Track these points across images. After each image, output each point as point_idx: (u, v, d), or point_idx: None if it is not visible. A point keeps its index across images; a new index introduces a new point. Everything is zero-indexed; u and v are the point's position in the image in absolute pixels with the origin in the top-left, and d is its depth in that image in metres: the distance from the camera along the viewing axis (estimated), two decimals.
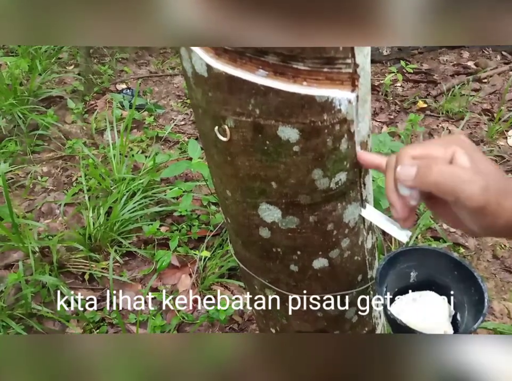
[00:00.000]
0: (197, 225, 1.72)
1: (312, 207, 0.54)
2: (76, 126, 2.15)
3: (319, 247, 0.59)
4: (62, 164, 1.96)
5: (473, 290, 0.54)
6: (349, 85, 0.46)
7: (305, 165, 0.49)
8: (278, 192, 0.53)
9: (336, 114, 0.46)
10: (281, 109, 0.45)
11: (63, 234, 1.58)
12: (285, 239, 0.58)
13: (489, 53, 2.91)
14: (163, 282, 1.59)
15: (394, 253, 0.60)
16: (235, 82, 0.43)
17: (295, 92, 0.43)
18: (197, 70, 0.45)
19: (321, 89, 0.44)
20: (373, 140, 1.49)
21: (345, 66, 0.44)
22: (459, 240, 1.56)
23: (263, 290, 0.70)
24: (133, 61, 2.88)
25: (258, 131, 0.47)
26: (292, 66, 0.42)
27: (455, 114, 2.27)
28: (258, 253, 0.63)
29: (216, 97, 0.46)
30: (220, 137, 0.49)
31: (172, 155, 2.01)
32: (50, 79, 2.38)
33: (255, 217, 0.57)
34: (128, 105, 2.25)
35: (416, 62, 2.88)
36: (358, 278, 0.66)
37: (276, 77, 0.43)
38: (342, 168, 0.51)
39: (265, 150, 0.49)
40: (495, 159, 1.95)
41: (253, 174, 0.52)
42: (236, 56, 0.42)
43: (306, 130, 0.46)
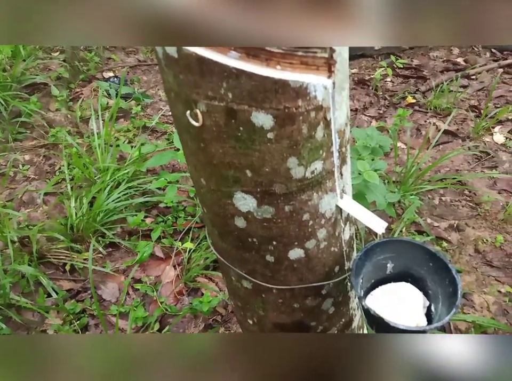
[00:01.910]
0: (183, 217, 1.71)
1: (287, 196, 0.53)
2: (60, 114, 2.11)
3: (295, 237, 0.58)
4: (44, 152, 1.92)
5: (447, 281, 0.54)
6: (325, 71, 0.45)
7: (279, 153, 0.48)
8: (252, 181, 0.52)
9: (311, 101, 0.45)
10: (254, 94, 0.43)
11: (44, 224, 1.55)
12: (260, 229, 0.57)
13: (478, 50, 2.92)
14: (147, 273, 1.58)
15: (371, 245, 0.60)
16: (206, 64, 0.42)
17: (269, 76, 0.42)
18: (167, 51, 0.44)
19: (295, 73, 0.43)
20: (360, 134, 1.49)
21: (320, 51, 0.43)
22: (442, 234, 1.57)
23: (240, 281, 0.69)
24: (121, 49, 2.83)
25: (231, 116, 0.46)
26: (265, 49, 0.41)
27: (442, 110, 2.28)
28: (234, 243, 0.62)
29: (187, 80, 0.44)
30: (192, 122, 0.47)
31: (159, 145, 1.98)
32: (35, 65, 2.33)
33: (230, 206, 0.56)
34: (115, 94, 2.22)
35: (406, 57, 2.87)
36: (335, 269, 0.65)
37: (249, 60, 0.42)
38: (317, 157, 0.50)
39: (239, 136, 0.47)
40: (481, 155, 1.96)
41: (227, 161, 0.50)
42: None
43: (280, 116, 0.45)
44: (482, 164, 1.93)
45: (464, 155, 1.97)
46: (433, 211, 1.70)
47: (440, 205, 1.73)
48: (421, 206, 1.67)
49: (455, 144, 2.07)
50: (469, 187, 1.77)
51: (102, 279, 1.51)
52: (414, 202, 1.57)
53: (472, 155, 1.98)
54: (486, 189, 1.77)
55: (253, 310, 0.74)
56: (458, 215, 1.67)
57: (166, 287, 1.51)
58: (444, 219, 1.66)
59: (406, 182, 1.67)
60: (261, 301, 0.70)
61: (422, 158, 1.77)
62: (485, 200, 1.69)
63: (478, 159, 1.96)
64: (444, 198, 1.76)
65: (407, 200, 1.61)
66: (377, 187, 1.32)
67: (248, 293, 0.70)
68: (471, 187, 1.77)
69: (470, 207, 1.71)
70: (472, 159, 1.96)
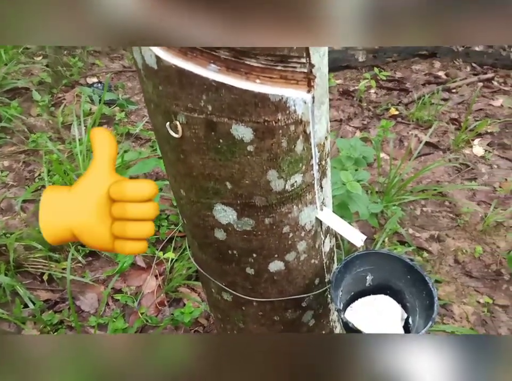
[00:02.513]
0: (166, 226, 1.69)
1: (267, 209, 0.53)
2: (41, 120, 2.08)
3: (275, 250, 0.57)
4: (24, 158, 1.88)
5: (424, 293, 0.54)
6: (305, 85, 0.45)
7: (259, 166, 0.48)
8: (232, 193, 0.51)
9: (291, 115, 0.45)
10: (234, 107, 0.43)
11: (22, 232, 1.51)
12: (240, 242, 0.57)
13: (459, 64, 3.00)
14: (127, 283, 1.55)
15: (350, 257, 0.60)
16: (186, 77, 0.42)
17: (248, 89, 0.42)
18: (147, 61, 0.43)
19: (275, 87, 0.43)
20: (344, 145, 1.50)
21: (300, 66, 0.43)
22: (423, 245, 1.59)
23: (220, 293, 0.68)
24: (106, 54, 2.80)
25: (211, 129, 0.45)
26: (244, 63, 0.41)
27: (424, 122, 2.32)
28: (214, 255, 0.61)
29: (167, 91, 0.44)
30: (172, 133, 0.47)
31: (143, 153, 1.96)
32: (17, 69, 2.29)
33: (210, 218, 0.55)
34: (98, 100, 2.19)
35: (390, 70, 2.93)
36: (315, 281, 0.65)
37: (228, 73, 0.42)
38: (297, 170, 0.50)
39: (219, 148, 0.47)
40: (461, 167, 2.00)
41: (207, 173, 0.50)
42: (186, 49, 0.41)
43: (260, 129, 0.45)
44: (462, 175, 1.97)
45: (444, 166, 2.01)
46: (415, 222, 1.72)
47: (421, 215, 1.76)
48: (403, 217, 1.69)
49: (436, 155, 2.10)
50: (449, 198, 1.81)
51: (81, 289, 1.47)
52: (396, 212, 1.59)
53: (453, 167, 2.02)
54: (465, 200, 1.80)
55: (233, 322, 0.73)
56: (439, 225, 1.70)
57: (147, 297, 1.48)
58: (425, 229, 1.68)
59: (388, 192, 1.69)
60: (241, 314, 0.69)
61: (404, 169, 1.80)
62: (464, 211, 1.73)
63: (458, 170, 2.00)
64: (425, 209, 1.79)
65: (390, 210, 1.63)
66: (360, 197, 1.33)
67: (228, 305, 0.70)
68: (451, 198, 1.81)
69: (450, 218, 1.74)
70: (452, 171, 2.00)
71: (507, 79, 2.75)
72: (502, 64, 2.87)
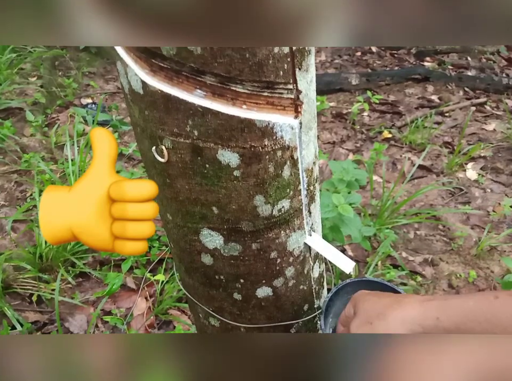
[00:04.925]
0: (157, 247, 1.67)
1: (254, 234, 0.52)
2: (34, 139, 2.07)
3: (262, 275, 0.56)
4: (16, 178, 1.87)
5: None
6: (292, 111, 0.45)
7: (246, 191, 0.48)
8: (219, 218, 0.51)
9: (277, 140, 0.45)
10: (220, 132, 0.43)
11: (11, 252, 1.49)
12: (227, 267, 0.56)
13: (452, 88, 3.05)
14: (117, 305, 1.52)
15: (342, 285, 0.59)
16: (172, 102, 0.42)
17: (235, 115, 0.42)
18: (133, 86, 0.43)
19: (261, 113, 0.43)
20: (337, 167, 1.51)
21: (286, 92, 0.43)
22: (416, 268, 1.58)
23: (207, 319, 0.67)
24: (101, 75, 2.83)
25: (197, 154, 0.45)
26: (230, 88, 0.41)
27: (417, 145, 2.34)
28: (201, 280, 0.60)
29: (153, 116, 0.44)
30: (158, 158, 0.47)
31: (135, 173, 1.96)
32: (11, 89, 2.30)
33: (197, 243, 0.55)
34: (92, 120, 2.20)
35: (383, 93, 2.98)
36: (304, 307, 0.64)
37: (214, 98, 0.42)
38: (285, 196, 0.50)
39: (205, 173, 0.47)
40: (454, 190, 2.01)
41: (193, 198, 0.49)
42: (172, 74, 0.41)
43: (246, 155, 0.45)
44: (456, 199, 1.97)
45: (438, 189, 2.02)
46: (408, 245, 1.71)
47: (415, 239, 1.75)
48: (396, 240, 1.68)
49: (430, 179, 2.11)
50: (442, 222, 1.80)
51: (70, 310, 1.44)
52: (389, 236, 1.58)
53: (446, 190, 2.02)
54: (459, 224, 1.80)
55: None
56: (432, 249, 1.69)
57: (136, 319, 1.45)
58: (418, 253, 1.67)
59: (381, 215, 1.69)
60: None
61: (397, 192, 1.80)
62: (458, 235, 1.72)
63: (452, 194, 2.00)
64: (419, 232, 1.78)
65: (383, 233, 1.62)
66: (352, 220, 1.32)
67: (216, 331, 0.68)
68: (445, 222, 1.80)
69: (444, 242, 1.73)
70: (446, 194, 2.01)
71: (499, 104, 2.79)
72: (494, 89, 2.93)
